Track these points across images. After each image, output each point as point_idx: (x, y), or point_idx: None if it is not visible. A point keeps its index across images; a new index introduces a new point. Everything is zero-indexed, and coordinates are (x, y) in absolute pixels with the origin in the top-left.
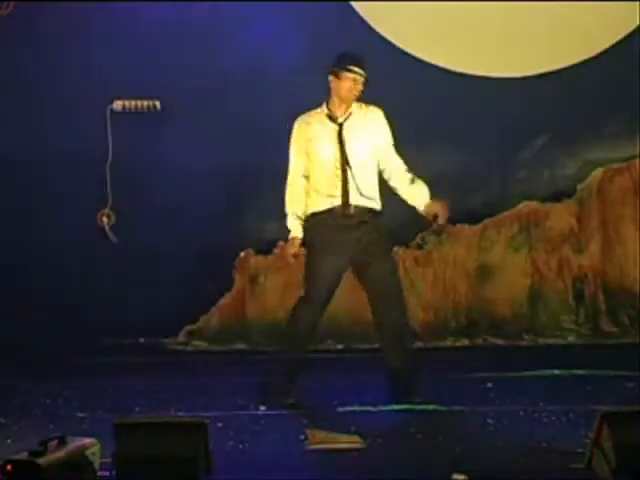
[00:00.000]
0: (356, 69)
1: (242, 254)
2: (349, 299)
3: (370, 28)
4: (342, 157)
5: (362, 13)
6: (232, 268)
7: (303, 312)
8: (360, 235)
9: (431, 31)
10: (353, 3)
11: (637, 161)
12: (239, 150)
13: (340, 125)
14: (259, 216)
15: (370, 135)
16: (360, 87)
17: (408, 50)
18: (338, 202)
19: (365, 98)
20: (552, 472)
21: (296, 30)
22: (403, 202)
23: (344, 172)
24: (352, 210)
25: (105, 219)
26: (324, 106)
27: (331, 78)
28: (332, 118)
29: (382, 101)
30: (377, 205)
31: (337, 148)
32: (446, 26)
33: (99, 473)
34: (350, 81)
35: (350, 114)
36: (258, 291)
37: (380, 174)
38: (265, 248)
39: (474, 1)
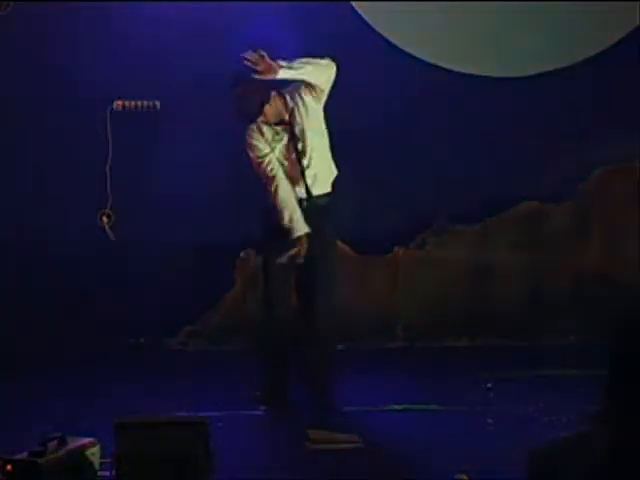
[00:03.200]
0: None
1: (242, 254)
2: (348, 299)
3: (370, 28)
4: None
5: (362, 13)
6: (232, 268)
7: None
8: None
9: (431, 31)
10: (353, 3)
11: (637, 161)
12: (240, 150)
13: None
14: (259, 216)
15: None
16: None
17: (408, 50)
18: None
19: (365, 98)
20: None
21: (296, 30)
22: (404, 203)
23: None
24: None
25: (105, 219)
26: None
27: None
28: None
29: (382, 101)
30: None
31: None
32: (446, 26)
33: (99, 473)
34: None
35: None
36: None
37: None
38: None
39: (475, 1)
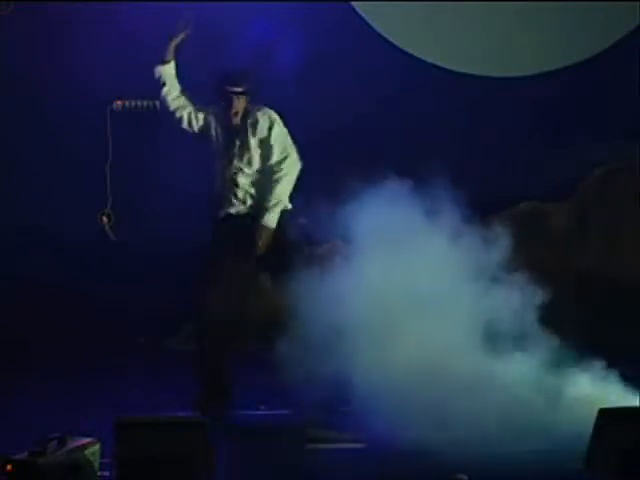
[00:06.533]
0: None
1: None
2: None
3: (370, 28)
4: None
5: (362, 13)
6: None
7: None
8: None
9: (431, 31)
10: (353, 3)
11: (637, 161)
12: None
13: None
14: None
15: None
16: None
17: (408, 50)
18: None
19: (364, 97)
20: (552, 472)
21: (296, 30)
22: None
23: None
24: None
25: (105, 219)
26: None
27: None
28: None
29: (381, 100)
30: None
31: None
32: (446, 26)
33: (99, 473)
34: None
35: None
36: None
37: None
38: None
39: (475, 1)
